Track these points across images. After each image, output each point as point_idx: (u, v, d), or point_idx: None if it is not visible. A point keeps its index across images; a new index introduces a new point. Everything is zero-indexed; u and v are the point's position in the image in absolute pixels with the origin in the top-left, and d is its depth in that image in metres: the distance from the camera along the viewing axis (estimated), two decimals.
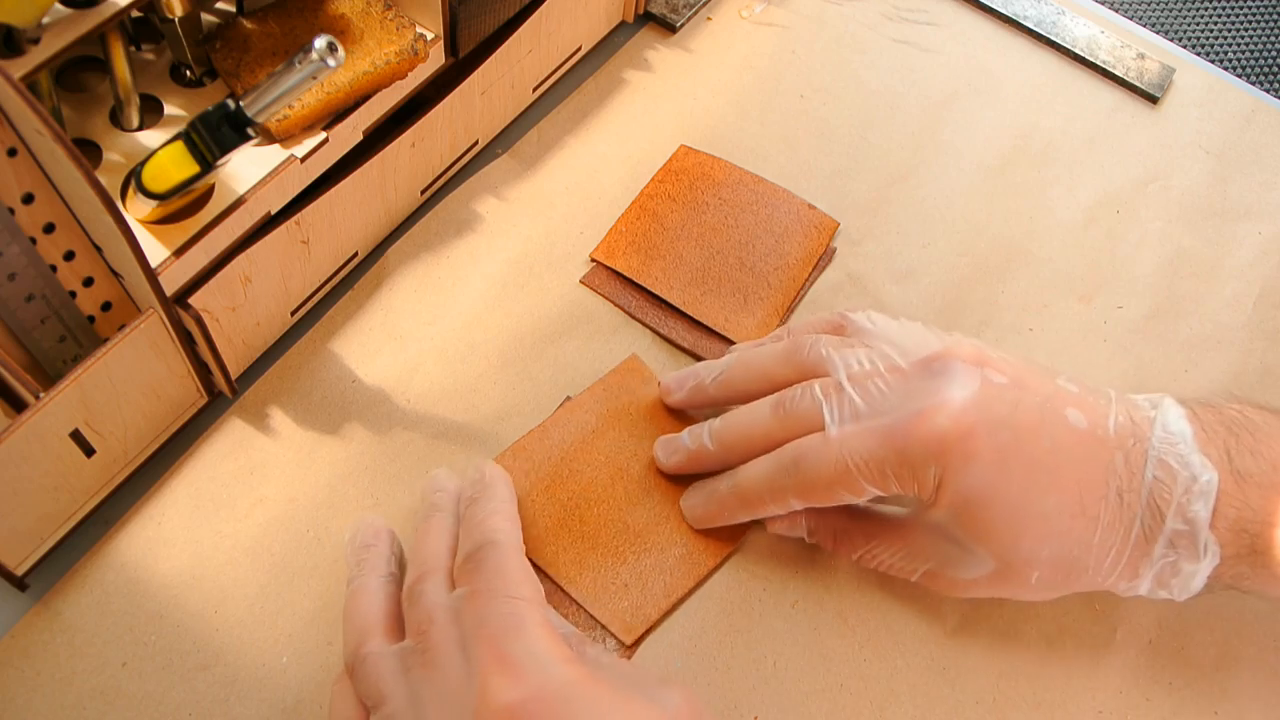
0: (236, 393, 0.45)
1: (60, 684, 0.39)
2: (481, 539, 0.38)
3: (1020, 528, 0.37)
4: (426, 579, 0.37)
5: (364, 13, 0.44)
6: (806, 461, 0.39)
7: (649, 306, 0.50)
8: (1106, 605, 0.43)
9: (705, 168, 0.54)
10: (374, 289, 0.49)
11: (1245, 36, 0.57)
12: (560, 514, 0.43)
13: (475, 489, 0.41)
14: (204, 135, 0.37)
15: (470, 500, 0.40)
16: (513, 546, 0.38)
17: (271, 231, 0.42)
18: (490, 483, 0.41)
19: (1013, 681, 0.42)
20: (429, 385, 0.47)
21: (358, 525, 0.41)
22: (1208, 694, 0.42)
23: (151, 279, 0.37)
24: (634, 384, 0.47)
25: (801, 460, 0.39)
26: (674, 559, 0.43)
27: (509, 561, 0.37)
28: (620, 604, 0.42)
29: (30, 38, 0.35)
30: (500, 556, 0.37)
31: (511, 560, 0.37)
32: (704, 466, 0.43)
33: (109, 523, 0.42)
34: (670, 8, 0.59)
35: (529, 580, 0.37)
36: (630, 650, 0.41)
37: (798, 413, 0.40)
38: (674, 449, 0.44)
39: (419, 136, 0.48)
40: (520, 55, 0.52)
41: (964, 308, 0.51)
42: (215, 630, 0.41)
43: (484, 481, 0.41)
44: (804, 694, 0.41)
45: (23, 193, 0.36)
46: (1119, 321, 0.51)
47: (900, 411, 0.38)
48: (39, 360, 0.39)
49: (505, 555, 0.37)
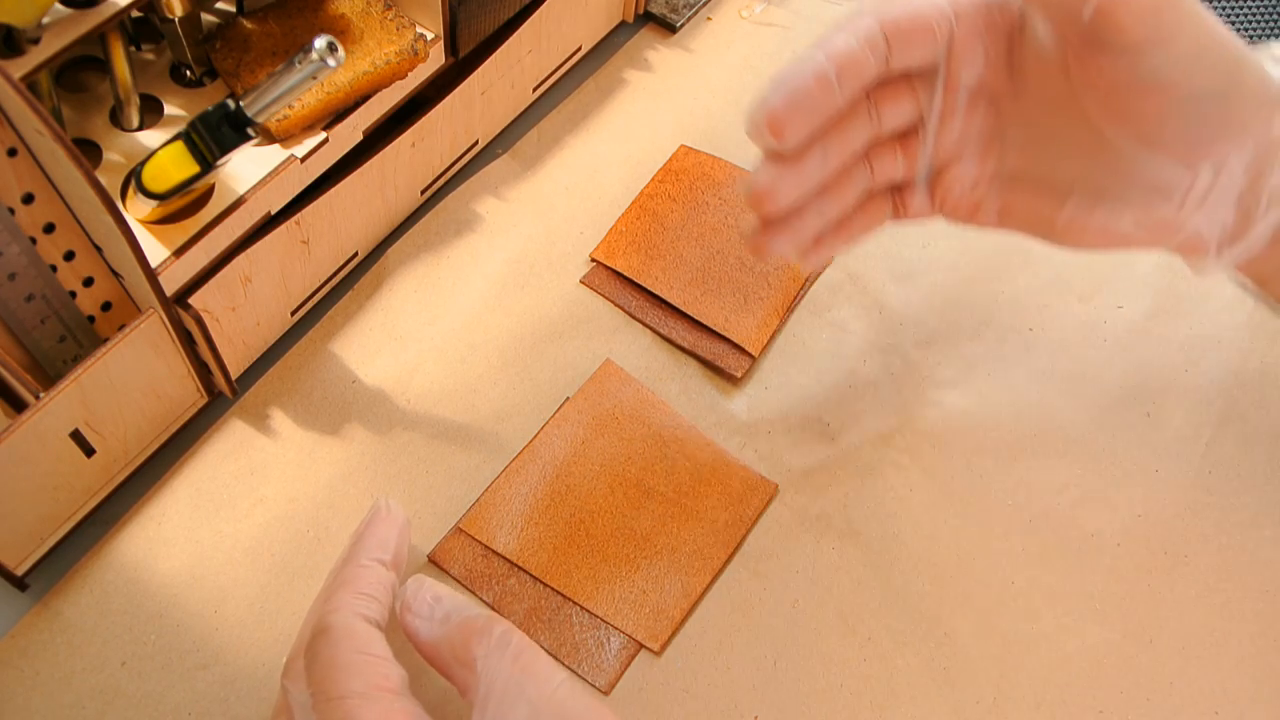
0: (237, 393, 0.45)
1: (60, 683, 0.39)
2: (317, 624, 0.34)
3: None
4: (287, 671, 0.35)
5: (364, 13, 0.44)
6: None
7: (649, 306, 0.50)
8: (1107, 605, 0.43)
9: (705, 168, 0.54)
10: (374, 289, 0.49)
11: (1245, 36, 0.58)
12: (565, 531, 0.43)
13: (353, 536, 0.38)
14: (204, 135, 0.37)
15: (345, 553, 0.38)
16: (343, 632, 0.33)
17: (271, 231, 0.42)
18: (360, 534, 0.38)
19: (1013, 681, 0.42)
20: (429, 385, 0.47)
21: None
22: (1208, 694, 0.42)
23: (151, 279, 0.37)
24: (613, 388, 0.47)
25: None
26: (686, 557, 0.43)
27: (338, 653, 0.33)
28: (642, 612, 0.42)
29: (30, 38, 0.35)
30: (330, 648, 0.33)
31: (341, 651, 0.33)
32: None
33: (109, 523, 0.42)
34: (670, 8, 0.59)
35: (364, 669, 0.32)
36: (658, 655, 0.41)
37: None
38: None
39: (419, 136, 0.48)
40: (520, 55, 0.52)
41: (964, 308, 0.51)
42: (215, 630, 0.41)
43: (359, 530, 0.38)
44: (804, 694, 0.41)
45: (23, 193, 0.36)
46: (1119, 321, 0.51)
47: None
48: (39, 360, 0.39)
49: (335, 646, 0.33)
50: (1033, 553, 0.45)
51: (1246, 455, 0.47)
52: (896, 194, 0.41)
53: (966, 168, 0.39)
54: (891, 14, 0.36)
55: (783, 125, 0.35)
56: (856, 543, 0.44)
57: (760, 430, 0.47)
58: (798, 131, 0.36)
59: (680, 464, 0.45)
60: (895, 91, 0.38)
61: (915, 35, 0.36)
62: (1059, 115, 0.37)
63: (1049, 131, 0.38)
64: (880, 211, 0.41)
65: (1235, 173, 0.36)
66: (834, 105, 0.36)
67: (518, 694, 0.32)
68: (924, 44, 0.36)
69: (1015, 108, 0.38)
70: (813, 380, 0.48)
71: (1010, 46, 0.37)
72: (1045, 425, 0.48)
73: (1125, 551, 0.45)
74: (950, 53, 0.37)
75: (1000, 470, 0.47)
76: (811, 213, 0.39)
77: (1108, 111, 0.35)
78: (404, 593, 0.36)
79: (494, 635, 0.34)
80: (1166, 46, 0.33)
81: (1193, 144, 0.35)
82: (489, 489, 0.44)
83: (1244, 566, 0.45)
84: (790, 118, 0.35)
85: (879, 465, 0.46)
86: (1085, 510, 0.46)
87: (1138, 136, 0.35)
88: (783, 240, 0.38)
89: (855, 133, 0.38)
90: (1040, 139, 0.38)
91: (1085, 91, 0.36)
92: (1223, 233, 0.37)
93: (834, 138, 0.37)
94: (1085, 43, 0.34)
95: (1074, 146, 0.37)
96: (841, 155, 0.38)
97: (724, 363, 0.48)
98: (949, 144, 0.39)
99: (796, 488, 0.45)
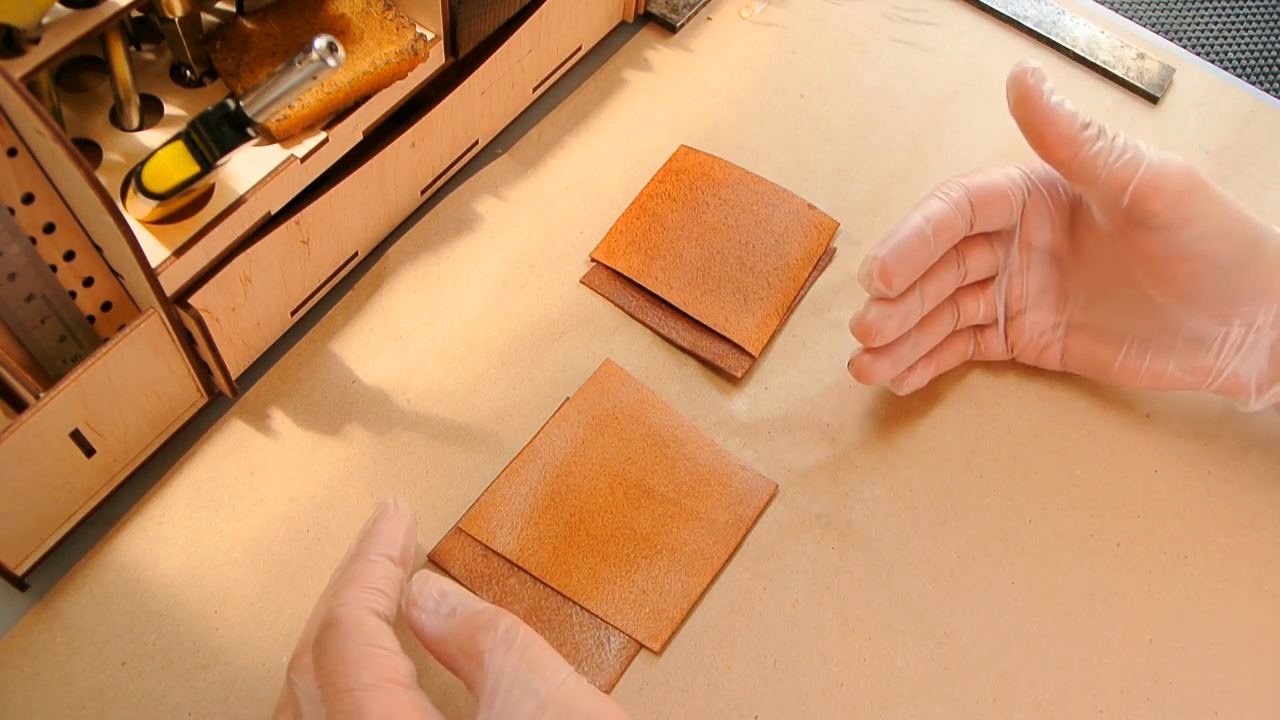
0: (237, 393, 0.45)
1: (60, 683, 0.39)
2: (326, 618, 0.34)
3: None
4: (294, 665, 0.36)
5: (364, 13, 0.44)
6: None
7: (649, 306, 0.50)
8: (1107, 605, 0.44)
9: (705, 168, 0.54)
10: (374, 289, 0.49)
11: (1245, 36, 0.57)
12: (565, 531, 0.43)
13: (360, 534, 0.39)
14: (204, 135, 0.37)
15: (352, 549, 0.38)
16: (352, 626, 0.34)
17: (271, 231, 0.42)
18: (368, 530, 0.38)
19: (1013, 681, 0.42)
20: (429, 385, 0.47)
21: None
22: (1208, 694, 0.42)
23: (151, 279, 0.37)
24: (613, 388, 0.47)
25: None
26: (686, 557, 0.43)
27: (347, 646, 0.33)
28: (642, 612, 0.42)
29: (30, 38, 0.35)
30: (339, 642, 0.33)
31: (350, 644, 0.33)
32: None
33: (109, 523, 0.42)
34: (670, 8, 0.59)
35: (372, 662, 0.33)
36: (658, 655, 0.41)
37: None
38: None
39: (419, 136, 0.48)
40: (520, 55, 0.52)
41: None
42: (215, 630, 0.41)
43: (367, 528, 0.38)
44: (804, 694, 0.41)
45: (23, 193, 0.36)
46: None
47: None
48: (39, 360, 0.39)
49: (344, 639, 0.33)
50: (1033, 553, 0.45)
51: (1246, 455, 0.47)
52: (977, 333, 0.48)
53: (1036, 317, 0.47)
54: (976, 184, 0.44)
55: (891, 275, 0.42)
56: (856, 543, 0.44)
57: (760, 430, 0.47)
58: (903, 281, 0.43)
59: (680, 464, 0.45)
60: (978, 246, 0.46)
61: (995, 203, 0.44)
62: (1112, 276, 0.45)
63: (1104, 289, 0.46)
64: (963, 347, 0.48)
65: (1264, 327, 0.43)
66: (930, 258, 0.43)
67: (524, 688, 0.32)
68: (1002, 210, 0.44)
69: (1075, 268, 0.46)
70: (813, 380, 0.48)
71: (1072, 216, 0.46)
72: (1045, 425, 0.48)
73: (1125, 551, 0.45)
74: (1023, 219, 0.46)
75: (1000, 470, 0.47)
76: (908, 345, 0.45)
77: (1150, 276, 0.43)
78: (409, 588, 0.36)
79: (500, 630, 0.34)
80: (1194, 225, 0.41)
81: (1224, 303, 0.42)
82: (489, 489, 0.44)
83: (1244, 566, 0.45)
84: (897, 269, 0.42)
85: (879, 465, 0.46)
86: (1085, 510, 0.46)
87: (1176, 296, 0.43)
88: (883, 366, 0.45)
89: (946, 280, 0.45)
90: (1097, 295, 0.46)
91: (1131, 259, 0.43)
92: (1260, 376, 0.44)
93: (929, 283, 0.45)
94: (1128, 221, 0.42)
95: (1125, 303, 0.45)
96: (935, 299, 0.45)
97: (724, 363, 0.48)
98: (1021, 294, 0.47)
99: (796, 488, 0.45)
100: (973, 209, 0.44)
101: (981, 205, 0.44)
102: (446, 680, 0.40)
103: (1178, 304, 0.43)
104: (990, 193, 0.44)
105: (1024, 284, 0.47)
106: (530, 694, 0.32)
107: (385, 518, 0.39)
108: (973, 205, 0.44)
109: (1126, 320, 0.45)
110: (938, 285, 0.45)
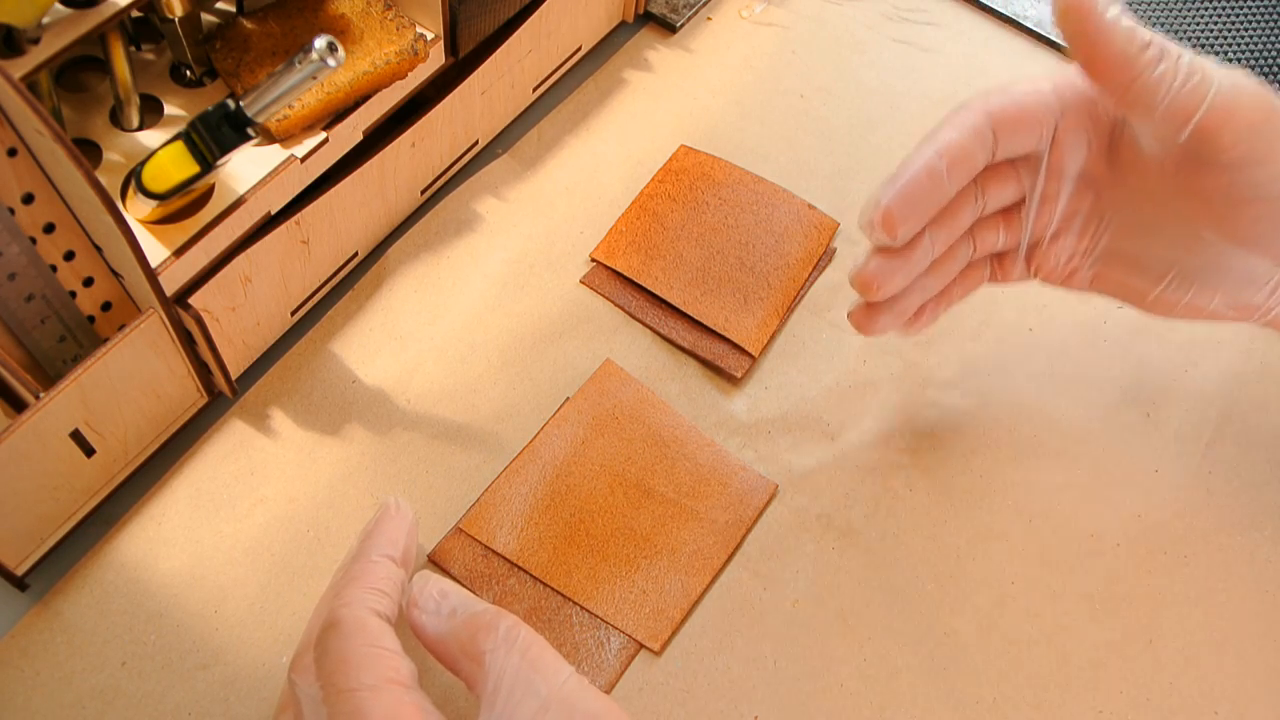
0: (237, 393, 0.45)
1: (60, 683, 0.39)
2: (327, 618, 0.34)
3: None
4: (295, 665, 0.35)
5: (364, 13, 0.44)
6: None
7: (649, 306, 0.50)
8: (1107, 605, 0.43)
9: (705, 168, 0.54)
10: (374, 289, 0.49)
11: (1245, 36, 0.57)
12: (565, 531, 0.43)
13: (361, 534, 0.38)
14: (204, 135, 0.37)
15: (354, 550, 0.38)
16: (354, 626, 0.33)
17: (271, 231, 0.42)
18: (370, 531, 0.38)
19: (1013, 681, 0.42)
20: (429, 385, 0.47)
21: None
22: (1208, 694, 0.42)
23: (151, 279, 0.37)
24: (613, 388, 0.47)
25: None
26: (686, 557, 0.43)
27: (349, 646, 0.33)
28: (642, 612, 0.42)
29: (30, 38, 0.35)
30: (341, 642, 0.33)
31: (351, 644, 0.33)
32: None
33: (109, 523, 0.42)
34: (670, 8, 0.59)
35: (374, 663, 0.32)
36: (658, 654, 0.41)
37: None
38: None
39: (419, 136, 0.48)
40: (520, 55, 0.52)
41: (964, 307, 0.51)
42: (215, 630, 0.41)
43: (368, 528, 0.38)
44: (804, 694, 0.41)
45: (23, 193, 0.36)
46: (1119, 321, 0.51)
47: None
48: (39, 360, 0.39)
49: (345, 639, 0.33)
50: (1032, 553, 0.45)
51: (1246, 455, 0.47)
52: (995, 260, 0.43)
53: (1065, 243, 0.42)
54: (999, 106, 0.38)
55: (896, 223, 0.37)
56: (856, 543, 0.44)
57: (760, 430, 0.47)
58: (911, 228, 0.37)
59: (680, 464, 0.45)
60: (1000, 175, 0.40)
61: (1022, 127, 0.38)
62: (1156, 207, 0.39)
63: (1146, 220, 0.40)
64: (979, 277, 0.43)
65: None
66: (944, 198, 0.38)
67: (526, 688, 0.32)
68: (1030, 135, 0.38)
69: (1114, 194, 0.40)
70: (813, 380, 0.48)
71: (1112, 139, 0.39)
72: (1045, 425, 0.48)
73: (1125, 551, 0.45)
74: (1055, 142, 0.39)
75: (1000, 470, 0.47)
76: (916, 291, 0.40)
77: (1207, 215, 0.37)
78: (410, 589, 0.36)
79: (501, 630, 0.34)
80: (1265, 164, 0.35)
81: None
82: (489, 489, 0.44)
83: (1244, 566, 0.45)
84: (904, 215, 0.37)
85: (879, 465, 0.46)
86: (1085, 510, 0.46)
87: (1235, 239, 0.38)
88: (887, 319, 0.40)
89: (962, 217, 0.40)
90: (1137, 225, 0.40)
91: (1184, 194, 0.38)
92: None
93: (942, 224, 0.39)
94: (1186, 155, 0.36)
95: (1169, 237, 0.39)
96: (947, 240, 0.40)
97: (724, 363, 0.48)
98: (1049, 221, 0.41)
99: (796, 488, 0.45)
100: (995, 136, 0.38)
101: (1005, 130, 0.38)
102: (447, 680, 0.40)
103: (1233, 244, 0.38)
104: (1016, 115, 0.38)
105: (1053, 211, 0.41)
106: (532, 694, 0.32)
107: (387, 518, 0.39)
108: (995, 132, 0.38)
109: (1170, 253, 0.40)
110: (952, 225, 0.39)
